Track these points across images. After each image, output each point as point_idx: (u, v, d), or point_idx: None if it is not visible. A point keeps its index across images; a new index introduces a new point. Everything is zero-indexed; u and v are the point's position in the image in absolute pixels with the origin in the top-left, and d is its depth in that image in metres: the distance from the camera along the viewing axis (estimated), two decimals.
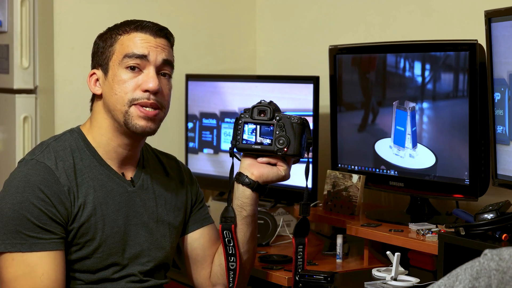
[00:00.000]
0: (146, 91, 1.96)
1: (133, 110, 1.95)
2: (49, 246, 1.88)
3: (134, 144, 2.03)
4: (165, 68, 2.00)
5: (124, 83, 1.96)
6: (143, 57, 1.96)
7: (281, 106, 2.14)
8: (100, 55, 2.01)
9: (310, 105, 2.65)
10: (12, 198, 1.89)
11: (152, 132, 1.99)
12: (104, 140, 2.00)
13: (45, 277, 1.86)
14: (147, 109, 1.96)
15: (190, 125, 3.11)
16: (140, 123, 1.96)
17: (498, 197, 2.19)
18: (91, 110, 2.06)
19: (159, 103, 1.98)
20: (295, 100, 2.70)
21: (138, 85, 1.96)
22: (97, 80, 2.01)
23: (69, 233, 1.93)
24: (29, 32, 3.09)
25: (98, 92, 2.01)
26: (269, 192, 2.13)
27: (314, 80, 2.65)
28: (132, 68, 1.96)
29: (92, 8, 3.03)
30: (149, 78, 1.96)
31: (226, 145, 2.97)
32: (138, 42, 1.97)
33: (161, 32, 2.01)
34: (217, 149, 3.00)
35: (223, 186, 2.97)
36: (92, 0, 3.04)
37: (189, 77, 3.13)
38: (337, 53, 2.67)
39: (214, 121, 3.01)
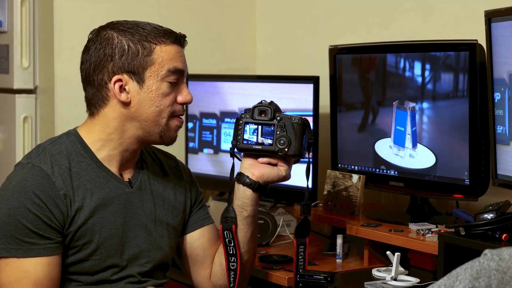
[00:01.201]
0: (182, 103, 2.01)
1: (173, 122, 2.00)
2: (44, 251, 1.88)
3: (140, 148, 2.04)
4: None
5: (166, 96, 1.97)
6: (183, 72, 2.00)
7: (281, 106, 2.14)
8: (131, 61, 1.95)
9: (310, 105, 2.65)
10: (7, 203, 1.89)
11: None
12: (112, 144, 1.99)
13: (38, 283, 1.86)
14: (181, 118, 2.03)
15: (190, 125, 3.11)
16: (175, 133, 2.02)
17: (498, 197, 2.19)
18: (94, 113, 2.01)
19: None
20: (295, 100, 2.70)
21: (175, 97, 2.00)
22: (121, 86, 1.96)
23: (66, 236, 1.93)
24: (29, 32, 3.09)
25: (127, 100, 1.96)
26: (269, 192, 2.13)
27: (314, 80, 2.65)
28: (174, 83, 1.98)
29: (92, 8, 3.02)
30: (187, 92, 2.01)
31: (226, 145, 2.97)
32: (177, 57, 1.99)
33: (184, 41, 2.04)
34: (217, 149, 3.00)
35: (223, 186, 2.97)
36: (92, 0, 3.04)
37: (189, 77, 3.13)
38: (337, 53, 2.67)
39: (214, 121, 3.01)
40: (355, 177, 2.51)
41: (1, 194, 1.92)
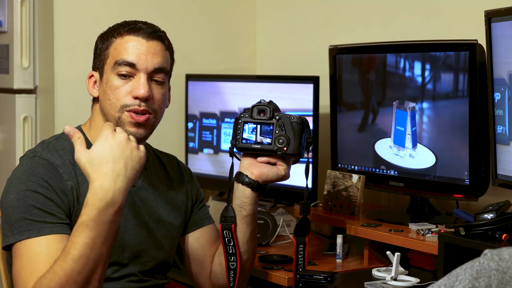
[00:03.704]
0: (136, 98, 1.95)
1: (125, 117, 1.95)
2: (57, 229, 1.84)
3: None
4: (157, 74, 1.98)
5: (116, 89, 1.95)
6: (133, 64, 1.95)
7: (281, 106, 2.14)
8: (97, 57, 2.01)
9: (310, 105, 2.65)
10: (16, 189, 1.88)
11: (143, 138, 1.98)
12: None
13: (50, 257, 1.79)
14: (138, 115, 1.95)
15: (190, 125, 3.11)
16: (130, 129, 1.94)
17: (498, 197, 2.19)
18: (91, 110, 2.06)
19: (150, 109, 1.96)
20: (295, 100, 2.70)
21: (129, 91, 1.95)
22: (95, 82, 2.01)
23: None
24: (29, 32, 3.09)
25: (95, 94, 2.01)
26: (269, 192, 2.13)
27: (314, 80, 2.65)
28: (123, 76, 1.96)
29: (92, 8, 3.03)
30: (139, 85, 1.94)
31: (226, 145, 2.97)
32: (129, 48, 1.95)
33: (154, 35, 1.98)
34: (217, 149, 3.01)
35: (223, 186, 2.97)
36: (92, 0, 3.04)
37: (189, 77, 3.13)
38: (337, 53, 2.67)
39: (214, 121, 3.01)
40: (355, 177, 2.51)
41: (9, 183, 1.91)
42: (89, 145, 1.99)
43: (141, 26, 1.98)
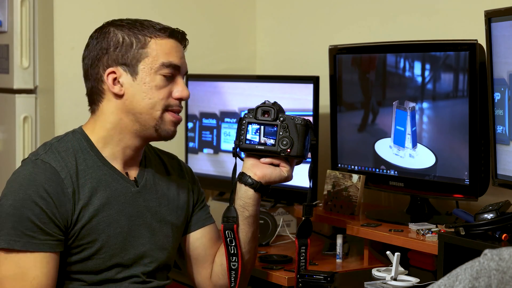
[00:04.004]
0: (179, 99, 2.00)
1: (168, 116, 1.99)
2: (43, 247, 1.87)
3: (142, 146, 2.04)
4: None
5: (160, 89, 1.97)
6: (178, 67, 2.00)
7: (281, 106, 2.14)
8: (124, 53, 1.97)
9: (310, 105, 2.65)
10: (14, 195, 1.88)
11: (174, 136, 2.05)
12: (113, 141, 1.99)
13: (36, 281, 1.85)
14: (178, 115, 2.02)
15: (190, 125, 3.11)
16: (171, 128, 2.01)
17: (498, 197, 2.19)
18: (94, 110, 2.02)
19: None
20: (295, 100, 2.70)
21: (170, 92, 1.99)
22: (115, 79, 1.98)
23: (71, 236, 1.92)
24: (29, 32, 3.09)
25: (120, 92, 1.97)
26: (269, 192, 2.13)
27: (314, 80, 2.65)
28: (169, 78, 1.98)
29: (92, 8, 3.03)
30: (183, 88, 2.01)
31: (226, 145, 2.97)
32: (173, 51, 1.99)
33: (185, 40, 2.04)
34: (217, 149, 3.01)
35: (223, 186, 2.98)
36: (92, 0, 3.04)
37: (189, 77, 3.13)
38: (337, 53, 2.67)
39: (214, 121, 3.01)
40: (355, 177, 2.52)
41: (9, 186, 1.91)
42: (92, 147, 1.99)
43: (177, 30, 2.02)
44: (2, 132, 3.22)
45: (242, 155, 2.13)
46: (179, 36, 2.01)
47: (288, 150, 2.06)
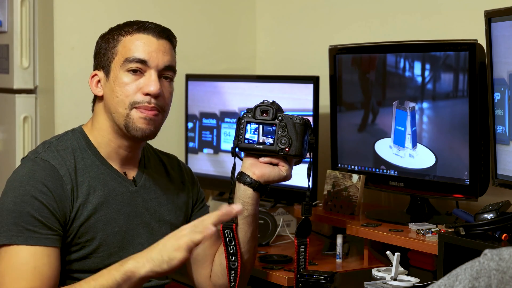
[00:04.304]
0: (147, 94, 1.96)
1: (134, 113, 1.96)
2: (44, 241, 1.87)
3: (134, 145, 2.03)
4: (166, 72, 2.01)
5: (125, 85, 1.96)
6: (144, 61, 1.97)
7: (281, 106, 2.14)
8: (102, 56, 2.01)
9: (310, 105, 2.65)
10: (14, 192, 1.89)
11: (152, 135, 1.99)
12: (104, 141, 2.01)
13: (37, 271, 1.84)
14: (148, 111, 1.97)
15: (190, 125, 3.11)
16: (140, 125, 1.96)
17: (498, 197, 2.19)
18: (92, 111, 2.06)
19: (159, 107, 1.98)
20: (295, 100, 2.70)
21: (139, 88, 1.96)
22: (99, 81, 2.01)
23: (69, 233, 1.93)
24: (29, 32, 3.09)
25: (99, 93, 2.01)
26: (269, 192, 2.13)
27: (314, 80, 2.65)
28: (134, 71, 1.97)
29: (92, 8, 3.03)
30: (150, 82, 1.96)
31: (226, 145, 2.97)
32: (139, 45, 1.97)
33: (164, 34, 2.01)
34: (217, 149, 3.01)
35: (223, 186, 2.97)
36: (92, 0, 3.04)
37: (189, 77, 3.13)
38: (337, 53, 2.67)
39: (214, 121, 3.01)
40: (355, 177, 2.51)
41: (9, 185, 1.92)
42: (90, 146, 1.99)
43: (150, 25, 2.00)
44: (2, 132, 3.22)
45: (242, 154, 2.13)
46: (151, 31, 1.98)
47: (287, 149, 2.06)
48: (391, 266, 2.12)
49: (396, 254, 2.10)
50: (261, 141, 2.08)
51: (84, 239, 1.94)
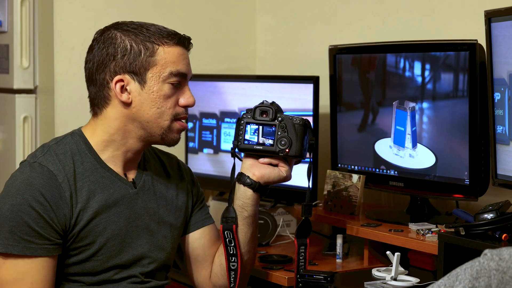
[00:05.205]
0: (185, 106, 2.00)
1: (176, 125, 2.00)
2: (41, 251, 1.87)
3: (144, 149, 2.04)
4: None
5: (168, 98, 1.97)
6: (185, 75, 2.00)
7: (281, 106, 2.14)
8: (132, 61, 1.94)
9: (310, 105, 2.65)
10: (12, 199, 1.88)
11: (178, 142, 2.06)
12: (115, 144, 1.99)
13: (34, 286, 1.86)
14: (184, 122, 2.03)
15: (190, 125, 3.11)
16: (177, 135, 2.02)
17: (498, 197, 2.19)
18: (97, 113, 2.01)
19: None
20: (295, 100, 2.70)
21: (177, 100, 1.99)
22: (123, 86, 1.96)
23: (69, 239, 1.93)
24: (29, 32, 3.09)
25: (128, 100, 1.96)
26: (269, 192, 2.13)
27: (314, 80, 2.65)
28: (177, 85, 1.98)
29: (92, 8, 3.03)
30: (190, 95, 2.01)
31: (226, 145, 2.97)
32: (180, 59, 1.99)
33: (189, 45, 2.03)
34: (217, 149, 3.01)
35: (223, 186, 2.97)
36: (92, 0, 3.04)
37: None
38: (337, 53, 2.67)
39: (214, 121, 3.01)
40: (355, 177, 2.52)
41: (7, 190, 1.92)
42: (90, 149, 1.98)
43: (184, 37, 2.01)
44: (2, 132, 3.22)
45: (241, 155, 2.13)
46: (185, 43, 2.01)
47: (287, 150, 2.06)
48: (391, 266, 2.12)
49: (396, 254, 2.10)
50: (261, 142, 2.08)
51: (84, 243, 1.94)
